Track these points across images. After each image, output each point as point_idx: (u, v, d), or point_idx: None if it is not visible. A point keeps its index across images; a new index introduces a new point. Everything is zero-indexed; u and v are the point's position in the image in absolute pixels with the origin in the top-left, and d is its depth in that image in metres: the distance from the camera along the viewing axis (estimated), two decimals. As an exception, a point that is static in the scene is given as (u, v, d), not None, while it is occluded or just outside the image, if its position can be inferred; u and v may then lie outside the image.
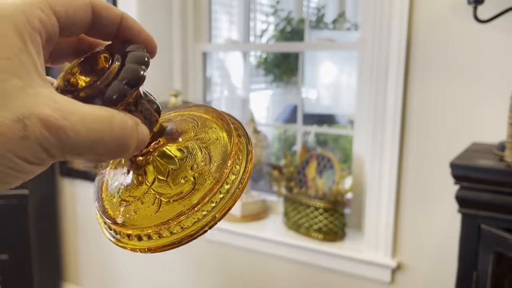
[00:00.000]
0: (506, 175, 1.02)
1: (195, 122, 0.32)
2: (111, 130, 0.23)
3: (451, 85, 1.36)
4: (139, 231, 0.28)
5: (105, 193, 0.31)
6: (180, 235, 0.27)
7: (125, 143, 0.24)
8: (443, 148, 1.38)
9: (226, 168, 0.28)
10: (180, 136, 0.31)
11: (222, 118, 0.32)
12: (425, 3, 1.36)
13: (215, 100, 2.18)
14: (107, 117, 0.23)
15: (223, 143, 0.30)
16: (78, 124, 0.22)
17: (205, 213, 0.27)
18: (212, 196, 0.27)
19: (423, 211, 1.45)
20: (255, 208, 1.81)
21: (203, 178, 0.28)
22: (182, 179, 0.29)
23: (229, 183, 0.28)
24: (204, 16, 1.95)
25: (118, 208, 0.29)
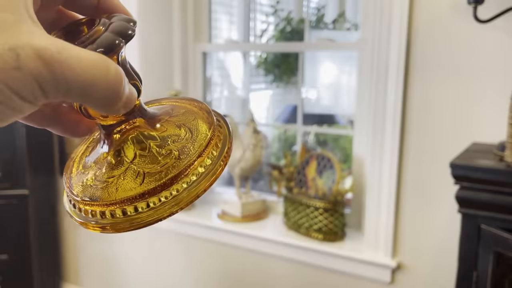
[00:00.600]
0: (506, 175, 1.02)
1: (176, 108, 0.31)
2: (107, 76, 0.22)
3: (451, 85, 1.36)
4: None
5: (76, 170, 0.30)
6: (182, 195, 0.26)
7: (118, 94, 0.23)
8: (443, 148, 1.38)
9: (207, 148, 0.28)
10: (159, 116, 0.30)
11: (207, 110, 0.31)
12: (425, 3, 1.36)
13: (215, 100, 2.18)
14: (104, 63, 0.22)
15: (204, 129, 0.29)
16: (74, 62, 0.21)
17: (195, 178, 0.27)
18: (201, 162, 0.27)
19: (423, 211, 1.45)
20: (255, 208, 1.81)
21: (187, 149, 0.28)
22: (164, 152, 0.28)
23: (206, 165, 0.27)
24: (204, 16, 1.95)
25: (90, 186, 0.28)
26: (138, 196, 0.26)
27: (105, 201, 0.26)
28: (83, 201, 0.27)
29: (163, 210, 0.26)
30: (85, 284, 2.25)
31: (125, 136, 0.29)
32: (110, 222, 0.26)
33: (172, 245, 1.95)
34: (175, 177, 0.26)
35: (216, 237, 1.80)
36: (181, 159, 0.27)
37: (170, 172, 0.27)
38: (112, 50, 0.24)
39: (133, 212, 0.26)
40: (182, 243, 1.92)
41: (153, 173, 0.27)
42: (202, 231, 1.83)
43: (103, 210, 0.26)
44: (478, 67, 1.32)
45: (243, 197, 1.80)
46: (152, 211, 0.26)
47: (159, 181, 0.26)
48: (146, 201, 0.26)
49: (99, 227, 0.27)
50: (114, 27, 0.25)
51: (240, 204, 1.77)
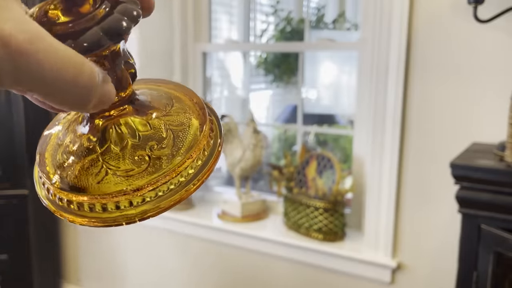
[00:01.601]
0: (506, 175, 1.02)
1: (171, 101, 0.29)
2: (78, 76, 0.20)
3: (452, 85, 1.36)
4: (74, 198, 0.25)
5: (50, 148, 0.28)
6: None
7: (87, 97, 0.21)
8: (443, 148, 1.38)
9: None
10: (149, 111, 0.28)
11: (202, 107, 0.29)
12: (425, 3, 1.36)
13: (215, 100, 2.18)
14: (78, 61, 0.20)
15: (192, 132, 0.27)
16: (44, 57, 0.19)
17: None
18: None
19: (423, 211, 1.45)
20: (255, 208, 1.81)
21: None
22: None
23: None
24: (204, 16, 1.95)
25: (61, 168, 0.26)
26: (122, 192, 0.24)
27: (89, 194, 0.25)
28: (61, 189, 0.25)
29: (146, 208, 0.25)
30: (85, 284, 2.25)
31: (112, 122, 0.26)
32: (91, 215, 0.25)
33: (172, 245, 1.95)
34: (165, 175, 0.25)
35: (216, 237, 1.80)
36: (173, 156, 0.26)
37: (160, 168, 0.25)
38: (94, 51, 0.22)
39: (113, 208, 0.24)
40: (182, 243, 1.92)
41: (140, 168, 0.25)
42: (202, 231, 1.83)
43: (81, 201, 0.25)
44: (478, 67, 1.32)
45: (243, 197, 1.80)
46: (133, 209, 0.25)
47: (148, 177, 0.25)
48: (129, 199, 0.24)
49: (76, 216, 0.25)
50: (107, 22, 0.23)
51: (240, 204, 1.77)
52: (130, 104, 0.27)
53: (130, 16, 0.23)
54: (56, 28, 0.22)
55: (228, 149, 1.80)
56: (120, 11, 0.23)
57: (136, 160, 0.25)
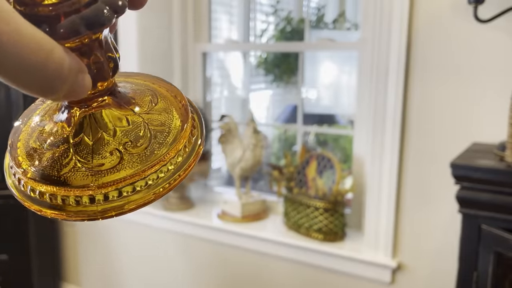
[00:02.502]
0: (506, 175, 1.02)
1: (155, 99, 0.28)
2: (45, 63, 0.19)
3: (452, 85, 1.36)
4: (39, 187, 0.24)
5: (24, 136, 0.27)
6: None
7: (55, 85, 0.20)
8: (444, 148, 1.38)
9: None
10: (130, 106, 0.27)
11: (185, 105, 0.28)
12: (425, 3, 1.36)
13: (215, 100, 2.18)
14: (47, 47, 0.19)
15: (172, 133, 0.26)
16: (8, 38, 0.18)
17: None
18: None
19: (423, 211, 1.45)
20: (255, 208, 1.81)
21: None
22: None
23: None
24: (204, 16, 1.95)
25: (33, 156, 0.25)
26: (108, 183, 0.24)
27: (57, 185, 0.24)
28: (32, 179, 0.24)
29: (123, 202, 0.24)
30: (85, 284, 2.25)
31: (88, 112, 0.26)
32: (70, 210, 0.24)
33: (172, 245, 1.95)
34: (146, 168, 0.24)
35: (216, 237, 1.80)
36: (146, 155, 0.25)
37: (142, 161, 0.24)
38: (68, 39, 0.21)
39: (87, 202, 0.24)
40: (182, 243, 1.92)
41: (110, 164, 0.24)
42: (202, 231, 1.82)
43: (56, 193, 0.24)
44: (478, 67, 1.32)
45: (243, 197, 1.80)
46: (123, 199, 0.24)
47: (117, 174, 0.24)
48: (104, 192, 0.24)
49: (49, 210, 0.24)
50: (89, 10, 0.22)
51: (240, 204, 1.77)
52: (110, 96, 0.26)
53: (114, 6, 0.22)
54: (39, 9, 0.21)
55: (228, 149, 1.80)
56: (105, 0, 0.22)
57: (107, 156, 0.25)
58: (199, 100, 1.99)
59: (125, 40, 1.86)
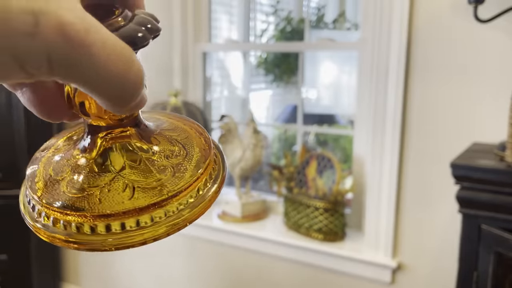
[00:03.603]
0: (506, 175, 1.02)
1: (178, 134, 0.28)
2: (128, 72, 0.19)
3: (452, 85, 1.36)
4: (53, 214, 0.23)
5: (43, 163, 0.26)
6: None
7: (134, 94, 0.20)
8: (444, 148, 1.38)
9: (207, 168, 0.25)
10: (151, 140, 0.26)
11: (205, 136, 0.28)
12: (425, 3, 1.36)
13: (215, 100, 2.18)
14: (129, 55, 0.20)
15: (197, 153, 0.26)
16: (99, 49, 0.18)
17: (192, 200, 0.24)
18: (198, 186, 0.24)
19: (423, 211, 1.45)
20: (255, 208, 1.81)
21: (182, 169, 0.24)
22: (158, 167, 0.25)
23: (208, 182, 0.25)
24: (204, 15, 1.95)
25: (50, 184, 0.25)
26: (128, 212, 0.23)
27: (88, 212, 0.23)
28: (51, 207, 0.23)
29: (153, 230, 0.23)
30: (85, 284, 2.25)
31: (113, 142, 0.25)
32: (83, 239, 0.23)
33: (172, 245, 1.95)
34: (173, 196, 0.23)
35: (216, 237, 1.80)
36: (176, 177, 0.24)
37: (166, 189, 0.24)
38: (141, 46, 0.21)
39: (118, 229, 0.23)
40: (182, 243, 1.92)
41: (145, 188, 0.24)
42: (202, 231, 1.82)
43: (81, 221, 0.23)
44: (478, 67, 1.32)
45: (243, 197, 1.80)
46: (140, 231, 0.23)
47: (154, 198, 0.23)
48: (136, 218, 0.23)
49: (64, 241, 0.23)
50: (141, 19, 0.22)
51: (240, 204, 1.77)
52: (134, 128, 0.26)
53: (150, 28, 0.22)
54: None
55: (228, 149, 1.80)
56: (140, 22, 0.22)
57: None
58: (199, 100, 1.99)
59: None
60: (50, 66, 0.18)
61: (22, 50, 0.17)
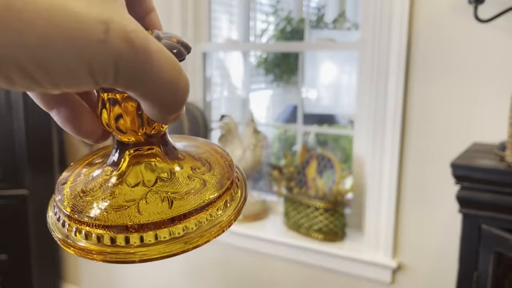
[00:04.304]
0: (506, 175, 1.02)
1: (205, 159, 0.28)
2: (179, 80, 0.21)
3: (452, 85, 1.36)
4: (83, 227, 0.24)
5: (72, 179, 0.27)
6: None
7: (182, 102, 0.21)
8: (444, 148, 1.38)
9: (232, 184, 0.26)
10: (176, 161, 0.27)
11: (228, 159, 0.29)
12: (426, 2, 1.36)
13: (215, 100, 2.17)
14: (179, 65, 0.21)
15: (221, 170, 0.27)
16: (157, 56, 0.19)
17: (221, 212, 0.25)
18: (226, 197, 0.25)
19: (423, 211, 1.45)
20: (255, 208, 1.81)
21: (210, 178, 0.26)
22: (188, 179, 0.25)
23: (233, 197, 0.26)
24: (204, 15, 1.95)
25: (78, 199, 0.25)
26: (170, 220, 0.23)
27: (128, 224, 0.23)
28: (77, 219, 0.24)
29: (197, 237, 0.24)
30: (85, 284, 2.25)
31: (141, 159, 0.26)
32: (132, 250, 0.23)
33: (172, 245, 1.95)
34: (208, 204, 0.24)
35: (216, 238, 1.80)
36: (207, 188, 0.25)
37: (204, 197, 0.24)
38: (177, 57, 0.22)
39: (168, 237, 0.24)
40: (182, 243, 1.92)
41: (182, 197, 0.24)
42: (202, 231, 1.82)
43: (125, 235, 0.23)
44: (478, 67, 1.32)
45: (243, 197, 1.80)
46: (186, 237, 0.24)
47: (195, 204, 0.24)
48: (181, 225, 0.24)
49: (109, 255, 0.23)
50: (172, 37, 0.23)
51: (240, 204, 1.77)
52: (162, 144, 0.27)
53: (184, 45, 0.23)
54: None
55: (228, 149, 1.80)
56: (172, 34, 0.24)
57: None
58: (199, 100, 1.99)
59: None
60: (116, 73, 0.19)
61: (94, 57, 0.18)
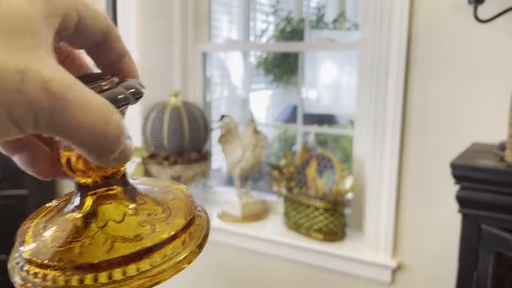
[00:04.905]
0: (506, 175, 1.02)
1: (161, 190, 0.29)
2: (106, 126, 0.21)
3: (452, 85, 1.36)
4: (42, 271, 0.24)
5: (34, 231, 0.27)
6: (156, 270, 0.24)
7: (112, 147, 0.22)
8: (444, 148, 1.38)
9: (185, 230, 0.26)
10: (138, 195, 0.28)
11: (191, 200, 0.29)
12: (425, 3, 1.36)
13: (215, 100, 2.18)
14: (108, 110, 0.21)
15: (180, 216, 0.27)
16: (78, 104, 0.20)
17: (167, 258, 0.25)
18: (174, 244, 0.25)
19: (423, 211, 1.45)
20: (255, 208, 1.81)
21: (162, 227, 0.25)
22: (139, 223, 0.25)
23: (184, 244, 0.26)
24: (204, 16, 1.95)
25: (40, 243, 0.25)
26: (105, 263, 0.23)
27: (61, 264, 0.23)
28: (34, 261, 0.24)
29: (129, 284, 0.23)
30: (85, 284, 2.25)
31: (100, 200, 0.26)
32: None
33: (172, 245, 1.95)
34: (149, 249, 0.24)
35: (216, 237, 1.80)
36: (156, 233, 0.25)
37: (144, 243, 0.24)
38: (117, 104, 0.23)
39: (91, 281, 0.23)
40: (182, 243, 1.92)
41: (125, 241, 0.24)
42: (202, 231, 1.82)
43: (57, 274, 0.23)
44: (478, 67, 1.32)
45: (243, 197, 1.80)
46: (115, 285, 0.23)
47: (131, 250, 0.24)
48: (110, 271, 0.23)
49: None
50: (127, 84, 0.24)
51: (240, 204, 1.77)
52: (121, 185, 0.27)
53: (141, 85, 0.25)
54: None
55: (228, 149, 1.80)
56: (125, 86, 0.24)
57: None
58: (199, 100, 1.99)
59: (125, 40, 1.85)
60: (36, 120, 0.19)
61: (13, 105, 0.19)
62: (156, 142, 1.77)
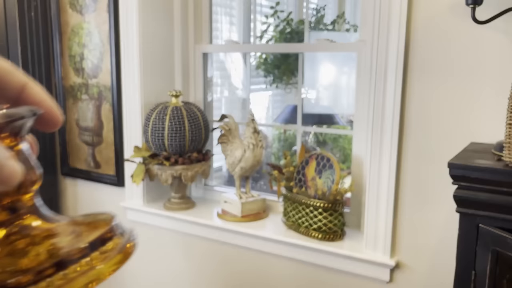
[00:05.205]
0: (504, 175, 1.03)
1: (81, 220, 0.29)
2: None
3: (450, 86, 1.37)
4: None
5: None
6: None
7: (4, 181, 0.22)
8: (442, 148, 1.39)
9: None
10: (51, 222, 0.27)
11: (112, 228, 0.29)
12: (424, 4, 1.37)
13: (215, 100, 2.19)
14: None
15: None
16: None
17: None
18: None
19: (421, 210, 1.46)
20: (255, 208, 1.82)
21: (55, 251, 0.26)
22: (37, 253, 0.26)
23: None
24: (205, 17, 1.96)
25: None
26: None
27: None
28: None
29: None
30: (86, 284, 2.25)
31: (13, 231, 0.26)
32: None
33: (172, 244, 1.96)
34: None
35: (216, 236, 1.81)
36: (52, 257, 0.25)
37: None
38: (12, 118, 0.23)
39: None
40: (182, 242, 1.93)
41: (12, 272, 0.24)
42: (202, 230, 1.84)
43: None
44: (476, 68, 1.33)
45: (243, 197, 1.81)
46: None
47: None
48: None
49: None
50: (8, 111, 0.24)
51: (240, 203, 1.78)
52: (32, 214, 0.27)
53: (32, 112, 0.25)
54: None
55: (228, 149, 1.81)
56: (23, 108, 0.25)
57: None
58: (199, 101, 2.00)
59: (126, 41, 1.87)
60: None
61: None
62: (157, 142, 1.78)
